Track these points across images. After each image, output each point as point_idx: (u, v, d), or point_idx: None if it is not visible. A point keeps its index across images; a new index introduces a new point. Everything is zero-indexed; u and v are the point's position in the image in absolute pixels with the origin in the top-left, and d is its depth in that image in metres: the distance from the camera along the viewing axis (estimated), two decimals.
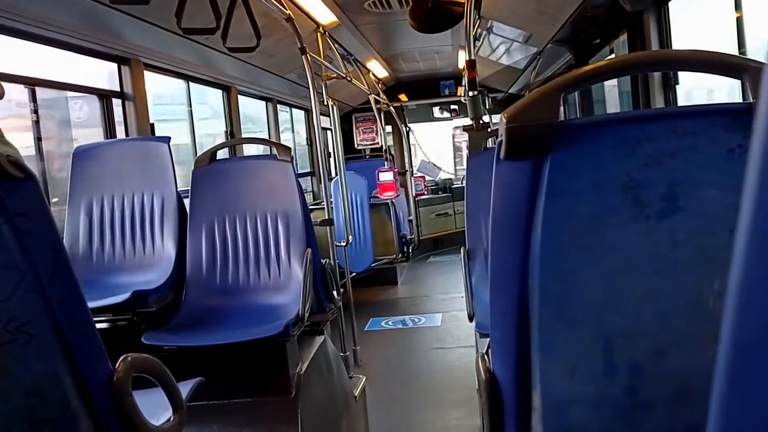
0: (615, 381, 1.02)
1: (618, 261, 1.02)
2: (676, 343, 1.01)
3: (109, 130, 3.93)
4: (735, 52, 2.96)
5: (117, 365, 1.43)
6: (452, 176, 11.78)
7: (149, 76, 4.21)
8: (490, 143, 3.83)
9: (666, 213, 1.00)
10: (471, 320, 3.01)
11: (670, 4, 3.67)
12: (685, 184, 1.00)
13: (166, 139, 3.21)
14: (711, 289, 1.00)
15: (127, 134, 4.00)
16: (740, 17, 3.02)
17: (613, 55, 4.70)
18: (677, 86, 3.67)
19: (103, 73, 4.02)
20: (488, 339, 1.39)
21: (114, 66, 3.96)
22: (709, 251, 0.99)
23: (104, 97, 3.92)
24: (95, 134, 3.96)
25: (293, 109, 8.21)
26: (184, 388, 1.81)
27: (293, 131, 8.38)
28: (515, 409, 1.14)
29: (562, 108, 1.09)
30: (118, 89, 3.98)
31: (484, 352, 1.28)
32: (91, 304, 1.43)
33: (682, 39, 3.63)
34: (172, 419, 1.64)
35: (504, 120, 1.04)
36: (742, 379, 0.34)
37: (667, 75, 3.66)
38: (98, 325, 1.48)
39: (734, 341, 0.34)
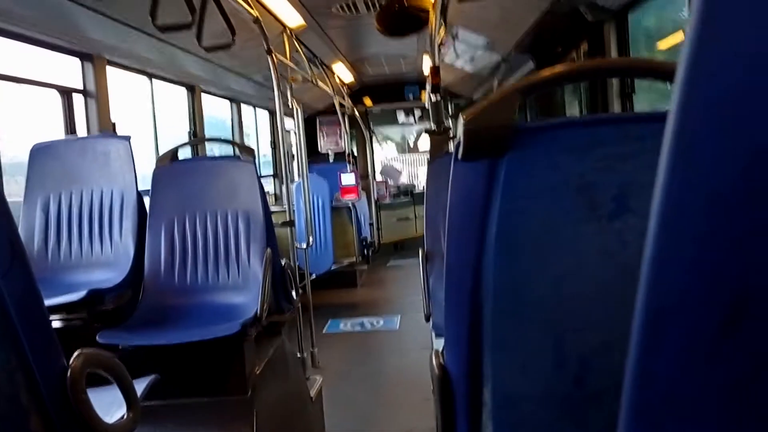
0: (564, 375, 1.05)
1: (570, 260, 1.05)
2: (623, 338, 1.03)
3: (70, 127, 3.87)
4: None
5: (71, 361, 1.42)
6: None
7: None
8: (451, 148, 3.86)
9: (616, 214, 1.03)
10: (428, 320, 3.03)
11: (629, 15, 3.76)
12: (635, 186, 1.02)
13: (127, 138, 3.18)
14: None
15: (88, 131, 3.94)
16: None
17: None
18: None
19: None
20: (443, 338, 1.41)
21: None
22: None
23: (66, 93, 3.86)
24: None
25: (257, 110, 8.19)
26: (139, 386, 1.79)
27: (257, 133, 8.34)
28: (466, 404, 1.16)
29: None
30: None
31: (439, 350, 1.30)
32: (45, 303, 1.41)
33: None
34: (125, 416, 1.62)
35: (462, 121, 1.06)
36: (653, 343, 0.37)
37: (624, 84, 3.75)
38: (52, 324, 1.45)
39: (646, 309, 0.37)
